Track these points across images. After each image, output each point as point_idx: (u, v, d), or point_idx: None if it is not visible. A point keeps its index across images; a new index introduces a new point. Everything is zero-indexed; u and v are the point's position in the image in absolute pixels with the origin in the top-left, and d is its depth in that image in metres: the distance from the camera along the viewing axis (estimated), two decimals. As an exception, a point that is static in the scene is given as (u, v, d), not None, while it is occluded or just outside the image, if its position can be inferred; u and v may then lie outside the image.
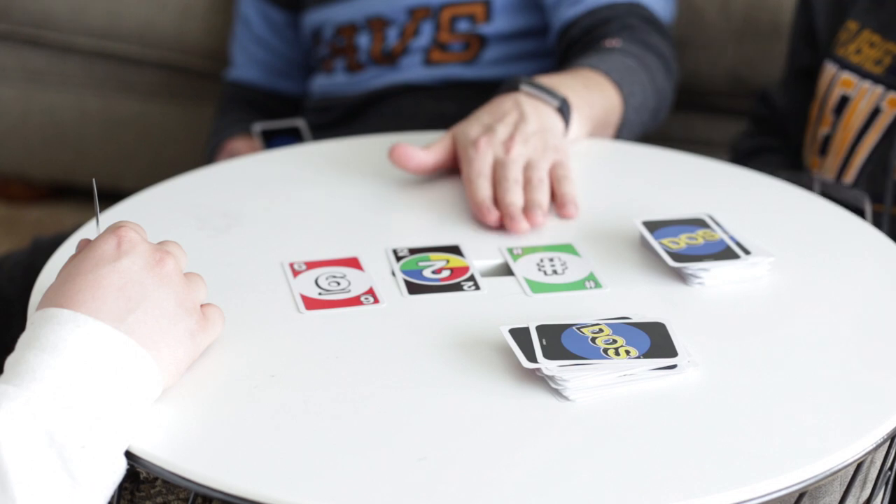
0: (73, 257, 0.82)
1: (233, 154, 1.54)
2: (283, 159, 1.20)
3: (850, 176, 1.30)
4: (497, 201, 1.07)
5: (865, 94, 1.31)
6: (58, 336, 0.76)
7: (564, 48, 1.42)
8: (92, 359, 0.76)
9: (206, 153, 1.64)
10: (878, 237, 1.06)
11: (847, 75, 1.33)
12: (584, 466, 0.77)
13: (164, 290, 0.81)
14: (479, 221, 1.07)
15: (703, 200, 1.09)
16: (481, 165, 1.10)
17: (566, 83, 1.21)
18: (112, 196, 1.34)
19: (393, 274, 0.98)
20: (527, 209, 1.06)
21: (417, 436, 0.79)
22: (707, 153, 1.31)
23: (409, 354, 0.88)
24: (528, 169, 1.10)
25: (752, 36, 1.72)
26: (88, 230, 1.04)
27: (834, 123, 1.34)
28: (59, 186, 2.27)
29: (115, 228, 0.83)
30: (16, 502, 0.70)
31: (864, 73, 1.32)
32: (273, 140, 1.49)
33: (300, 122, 1.51)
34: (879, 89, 1.31)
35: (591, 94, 1.23)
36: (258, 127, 1.51)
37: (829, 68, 1.36)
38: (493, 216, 1.06)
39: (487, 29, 1.49)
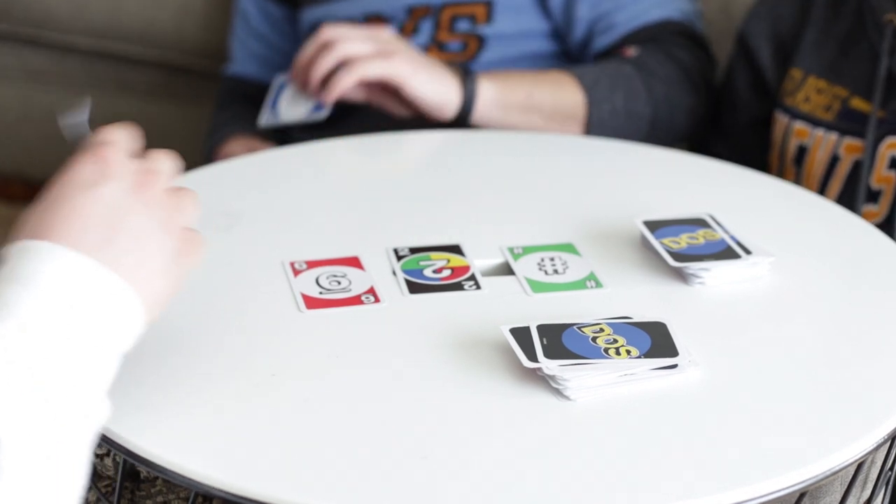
0: (52, 183, 0.76)
1: (229, 157, 1.53)
2: (284, 158, 1.20)
3: None
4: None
5: (821, 143, 1.29)
6: (35, 269, 0.70)
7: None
8: (71, 293, 0.70)
9: (205, 151, 1.64)
10: (879, 237, 1.06)
11: (800, 125, 1.32)
12: (584, 465, 0.77)
13: (148, 214, 0.76)
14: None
15: (703, 200, 1.09)
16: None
17: (509, 73, 1.35)
18: (112, 196, 1.33)
19: (394, 273, 0.98)
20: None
21: (419, 435, 0.79)
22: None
23: (409, 353, 0.88)
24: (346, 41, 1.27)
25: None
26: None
27: (797, 174, 1.32)
28: (59, 186, 2.27)
29: (96, 148, 0.77)
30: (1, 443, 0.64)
31: (815, 122, 1.30)
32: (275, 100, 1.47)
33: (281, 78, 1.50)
34: (834, 136, 1.29)
35: (538, 84, 1.33)
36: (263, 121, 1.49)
37: (781, 118, 1.34)
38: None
39: (488, 30, 1.49)
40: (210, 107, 1.80)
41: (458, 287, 0.96)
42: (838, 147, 1.28)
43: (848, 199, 1.27)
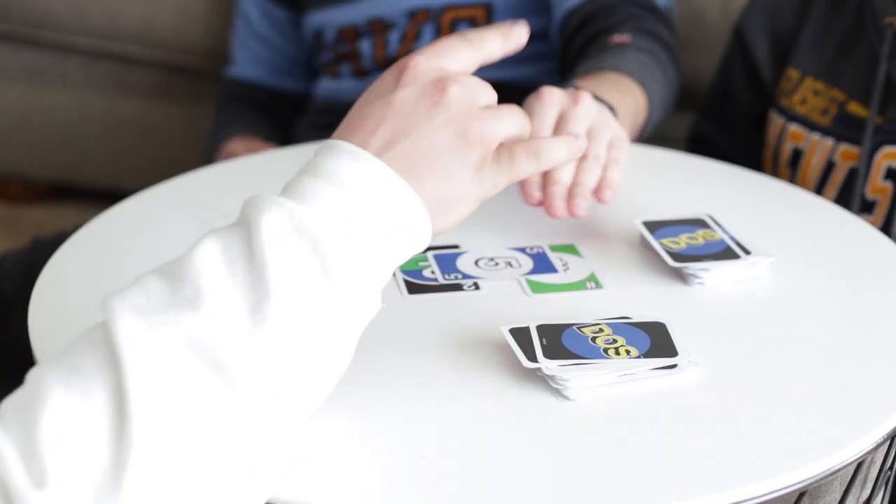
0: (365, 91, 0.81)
1: (230, 156, 1.54)
2: (284, 159, 1.20)
3: None
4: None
5: (817, 148, 1.27)
6: (335, 165, 0.74)
7: (565, 40, 1.40)
8: (365, 194, 0.73)
9: (206, 153, 1.64)
10: (879, 237, 1.06)
11: (795, 127, 1.30)
12: (583, 466, 0.77)
13: (438, 119, 0.77)
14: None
15: (702, 200, 1.09)
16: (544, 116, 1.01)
17: (602, 90, 1.16)
18: (112, 196, 1.34)
19: (393, 273, 0.98)
20: (572, 192, 0.99)
21: (418, 435, 0.79)
22: (707, 153, 1.32)
23: (408, 353, 0.88)
24: (589, 138, 1.02)
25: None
26: (88, 231, 1.04)
27: (791, 177, 1.30)
28: (59, 186, 2.27)
29: (406, 58, 0.79)
30: (270, 295, 0.68)
31: (812, 125, 1.28)
32: None
33: None
34: (830, 142, 1.27)
35: (625, 99, 1.19)
36: None
37: (777, 119, 1.32)
38: (535, 196, 1.00)
39: None
40: (210, 107, 1.80)
41: (457, 287, 0.96)
42: (834, 153, 1.26)
43: (843, 206, 1.26)
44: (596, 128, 1.04)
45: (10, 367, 1.31)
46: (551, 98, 1.03)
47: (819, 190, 1.29)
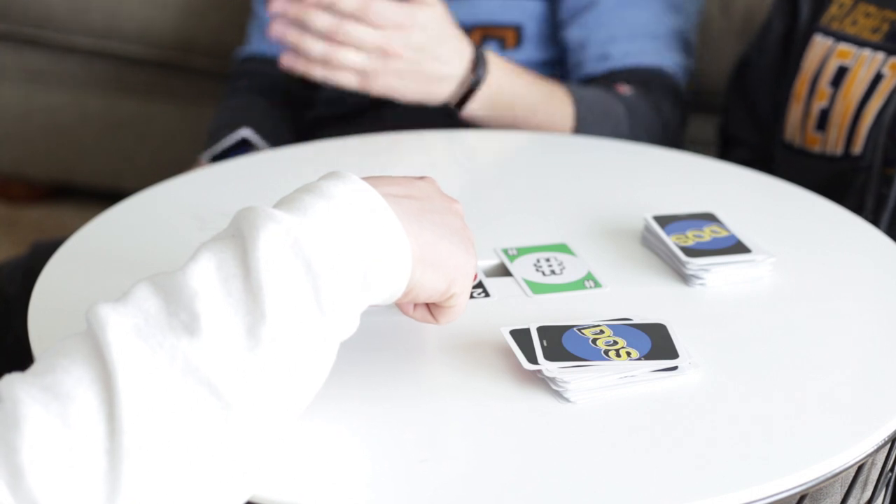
0: None
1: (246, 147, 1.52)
2: (284, 159, 1.20)
3: (858, 145, 1.29)
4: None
5: (865, 62, 1.30)
6: (336, 188, 0.76)
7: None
8: (361, 216, 0.75)
9: (213, 129, 1.60)
10: (879, 237, 1.06)
11: (844, 46, 1.33)
12: (584, 468, 0.77)
13: (452, 215, 0.83)
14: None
15: (702, 200, 1.09)
16: None
17: (519, 74, 1.31)
18: (112, 196, 1.34)
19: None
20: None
21: (418, 437, 0.79)
22: (707, 153, 1.32)
23: (409, 355, 0.88)
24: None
25: (752, 36, 1.72)
26: (88, 231, 1.04)
27: (832, 96, 1.33)
28: (59, 186, 2.27)
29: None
30: (266, 318, 0.69)
31: (861, 43, 1.31)
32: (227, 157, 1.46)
33: (247, 132, 1.49)
34: (880, 56, 1.30)
35: (531, 91, 1.32)
36: (206, 157, 1.48)
37: (822, 41, 1.35)
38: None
39: (515, 56, 1.49)
40: (211, 107, 1.80)
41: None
42: (883, 65, 1.29)
43: (889, 114, 1.28)
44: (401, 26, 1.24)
45: (11, 367, 1.31)
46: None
47: (864, 101, 1.31)
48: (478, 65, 1.29)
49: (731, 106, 1.51)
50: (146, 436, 0.64)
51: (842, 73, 1.32)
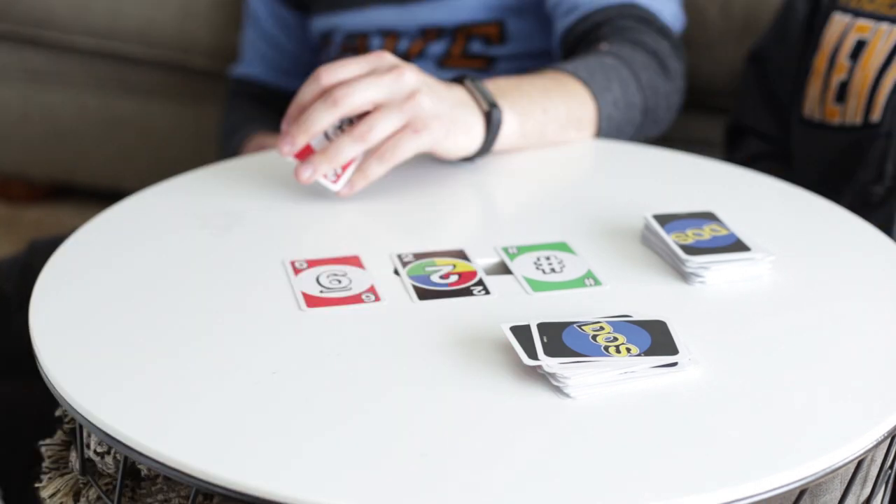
0: None
1: (262, 148, 1.52)
2: (284, 159, 1.20)
3: (877, 113, 1.31)
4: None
5: (882, 35, 1.32)
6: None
7: (565, 56, 1.42)
8: None
9: (228, 147, 1.61)
10: (879, 237, 1.06)
11: (862, 21, 1.35)
12: (584, 463, 0.77)
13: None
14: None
15: (702, 200, 1.10)
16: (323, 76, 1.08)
17: (521, 88, 1.17)
18: (112, 196, 1.34)
19: (396, 273, 0.98)
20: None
21: (419, 432, 0.79)
22: (707, 153, 1.32)
23: (410, 352, 0.88)
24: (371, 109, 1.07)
25: (752, 36, 1.73)
26: (88, 231, 1.05)
27: (851, 68, 1.34)
28: (59, 186, 2.27)
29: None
30: None
31: (879, 17, 1.33)
32: None
33: None
34: None
35: (549, 94, 1.20)
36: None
37: (840, 18, 1.37)
38: (286, 146, 1.08)
39: (501, 50, 1.49)
40: (211, 107, 1.81)
41: (467, 292, 0.96)
42: None
43: None
44: (385, 102, 1.08)
45: (8, 363, 1.31)
46: (352, 61, 1.09)
47: (881, 72, 1.32)
48: (491, 115, 1.15)
49: (745, 97, 1.51)
50: None
51: (860, 46, 1.34)
